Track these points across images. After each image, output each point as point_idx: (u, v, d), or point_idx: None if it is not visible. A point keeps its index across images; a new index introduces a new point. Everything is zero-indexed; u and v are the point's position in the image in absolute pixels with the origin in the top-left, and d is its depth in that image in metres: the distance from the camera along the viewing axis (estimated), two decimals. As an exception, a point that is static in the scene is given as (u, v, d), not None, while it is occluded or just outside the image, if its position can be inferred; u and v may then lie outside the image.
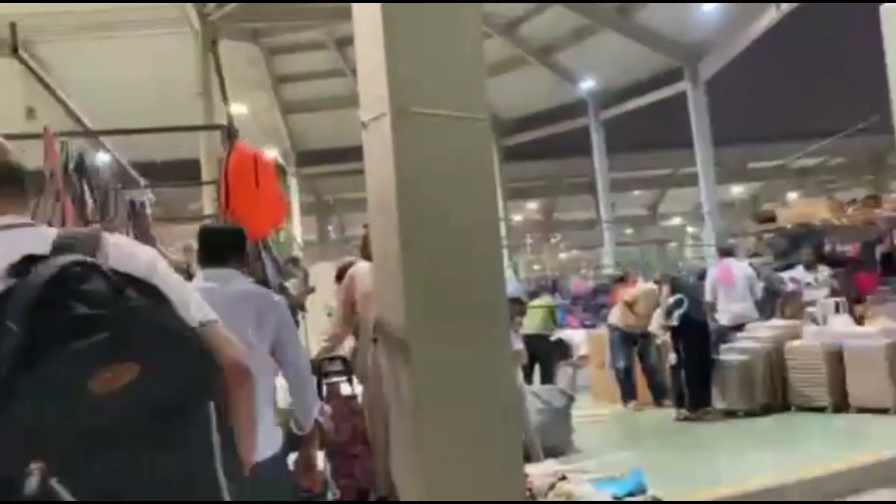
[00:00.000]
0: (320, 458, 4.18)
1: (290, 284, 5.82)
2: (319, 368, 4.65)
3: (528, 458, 5.90)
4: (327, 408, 4.38)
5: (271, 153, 22.59)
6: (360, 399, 4.91)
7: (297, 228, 28.01)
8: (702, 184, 21.19)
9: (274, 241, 6.71)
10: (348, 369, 4.67)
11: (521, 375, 7.02)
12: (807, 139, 21.99)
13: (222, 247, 3.13)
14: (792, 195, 27.57)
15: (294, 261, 12.03)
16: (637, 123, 23.36)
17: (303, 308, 5.98)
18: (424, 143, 3.82)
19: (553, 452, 6.38)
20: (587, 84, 23.14)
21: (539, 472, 5.04)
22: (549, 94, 24.33)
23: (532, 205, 35.11)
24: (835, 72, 23.06)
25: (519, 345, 6.49)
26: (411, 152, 3.79)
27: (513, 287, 15.83)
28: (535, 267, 29.00)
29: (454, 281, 3.77)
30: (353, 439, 4.44)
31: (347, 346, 5.19)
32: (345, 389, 4.67)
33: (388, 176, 3.82)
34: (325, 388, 4.57)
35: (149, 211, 5.63)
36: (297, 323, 5.44)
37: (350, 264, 5.49)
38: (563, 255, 32.63)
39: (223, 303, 2.93)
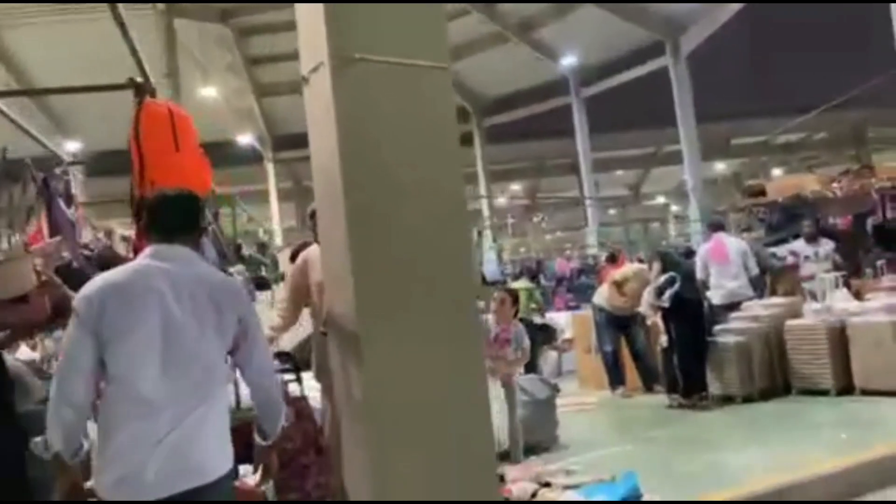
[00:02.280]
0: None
1: (236, 271, 5.19)
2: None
3: (506, 457, 5.37)
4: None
5: (245, 138, 22.07)
6: (316, 399, 4.34)
7: (275, 215, 27.41)
8: (686, 160, 20.77)
9: (218, 229, 6.10)
10: (296, 366, 4.06)
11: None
12: (789, 114, 21.60)
13: (173, 218, 2.55)
14: (776, 171, 27.25)
15: (262, 246, 11.53)
16: (619, 101, 22.94)
17: (252, 296, 5.36)
18: (372, 97, 3.19)
19: (536, 448, 5.83)
20: (568, 60, 22.61)
21: (519, 475, 4.48)
22: (530, 71, 23.84)
23: (515, 186, 34.64)
24: (817, 44, 22.72)
25: (526, 343, 5.88)
26: (356, 108, 3.17)
27: (492, 270, 15.39)
28: (522, 249, 28.55)
29: (412, 264, 3.17)
30: (305, 447, 3.85)
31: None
32: (294, 389, 4.06)
33: (330, 139, 3.19)
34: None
35: (74, 191, 5.04)
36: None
37: (306, 244, 4.90)
38: (547, 237, 32.15)
39: (172, 288, 2.37)
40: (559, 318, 11.03)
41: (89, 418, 2.42)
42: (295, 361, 4.11)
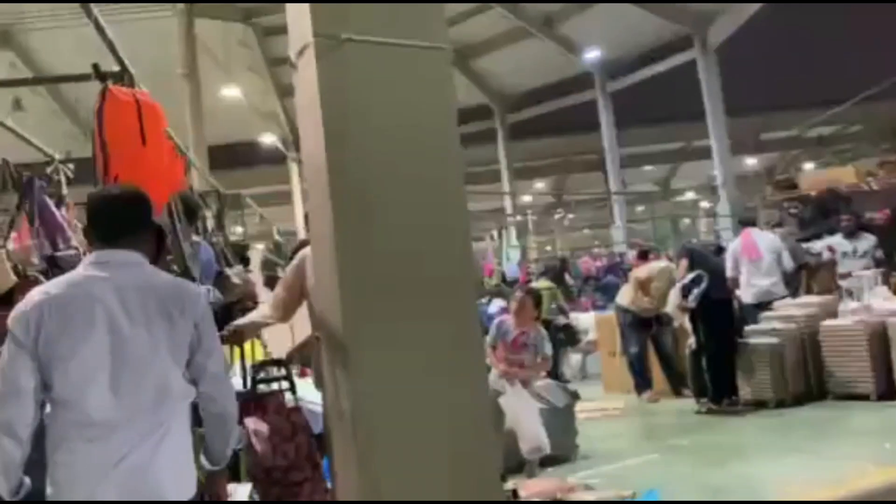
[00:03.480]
0: (244, 491, 3.33)
1: (234, 272, 4.93)
2: (254, 375, 3.79)
3: (521, 469, 5.07)
4: (262, 426, 3.52)
5: (269, 139, 22.01)
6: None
7: (299, 215, 27.26)
8: (715, 155, 20.24)
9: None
10: (289, 374, 3.78)
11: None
12: (821, 107, 20.97)
13: (116, 220, 2.32)
14: (808, 166, 26.57)
15: (277, 246, 11.31)
16: (646, 95, 22.50)
17: (253, 299, 5.09)
18: (361, 81, 2.89)
19: (554, 460, 5.48)
20: (593, 55, 22.15)
21: (534, 491, 4.17)
22: (554, 67, 23.44)
23: (540, 184, 34.20)
24: (851, 33, 22.11)
25: (548, 350, 5.48)
26: (343, 93, 2.87)
27: (513, 268, 15.02)
28: (548, 248, 28.16)
29: (405, 261, 2.86)
30: (298, 462, 3.55)
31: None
32: (288, 399, 3.77)
33: (317, 127, 2.91)
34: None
35: (65, 192, 4.81)
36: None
37: (305, 243, 4.63)
38: (574, 235, 31.72)
39: (115, 295, 2.19)
40: (584, 319, 10.65)
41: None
42: (289, 369, 3.83)
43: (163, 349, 2.20)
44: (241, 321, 3.82)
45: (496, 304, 10.31)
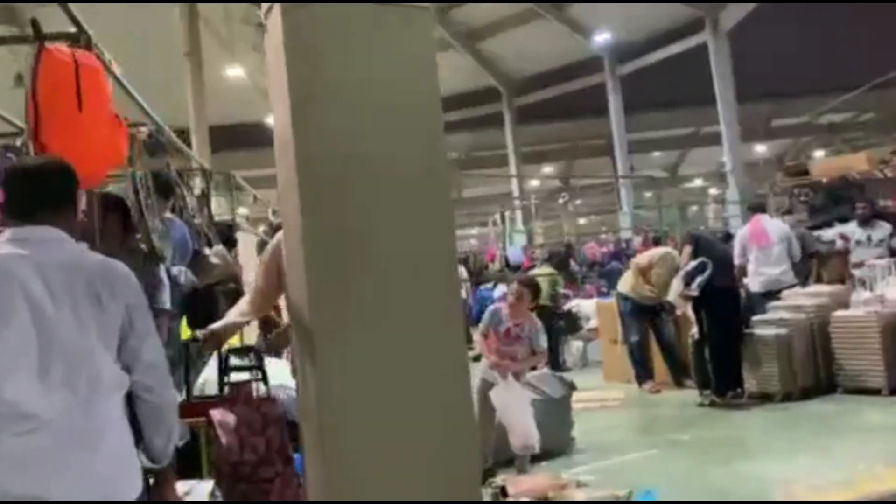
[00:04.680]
0: (205, 489, 3.10)
1: (213, 252, 4.69)
2: (226, 363, 3.55)
3: (511, 462, 4.84)
4: (229, 416, 3.28)
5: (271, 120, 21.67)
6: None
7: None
8: (724, 141, 19.89)
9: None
10: (260, 362, 3.54)
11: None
12: (834, 93, 20.56)
13: (33, 193, 2.09)
14: (819, 153, 26.15)
15: (271, 227, 11.03)
16: (655, 80, 22.09)
17: (236, 280, 4.85)
18: (331, 44, 2.63)
19: (548, 454, 5.24)
20: (602, 38, 21.78)
21: (523, 489, 3.93)
22: (563, 50, 23.05)
23: (548, 168, 33.85)
24: (863, 20, 21.63)
25: (543, 343, 5.16)
26: (311, 58, 2.61)
27: (516, 253, 14.78)
28: (556, 233, 27.85)
29: (378, 241, 2.62)
30: (268, 458, 3.32)
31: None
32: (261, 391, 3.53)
33: (283, 97, 2.65)
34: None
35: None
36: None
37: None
38: (582, 220, 31.35)
39: (39, 278, 1.97)
40: (586, 306, 10.39)
41: None
42: (260, 357, 3.58)
43: (92, 333, 1.97)
44: (217, 324, 3.58)
45: (501, 289, 10.09)
